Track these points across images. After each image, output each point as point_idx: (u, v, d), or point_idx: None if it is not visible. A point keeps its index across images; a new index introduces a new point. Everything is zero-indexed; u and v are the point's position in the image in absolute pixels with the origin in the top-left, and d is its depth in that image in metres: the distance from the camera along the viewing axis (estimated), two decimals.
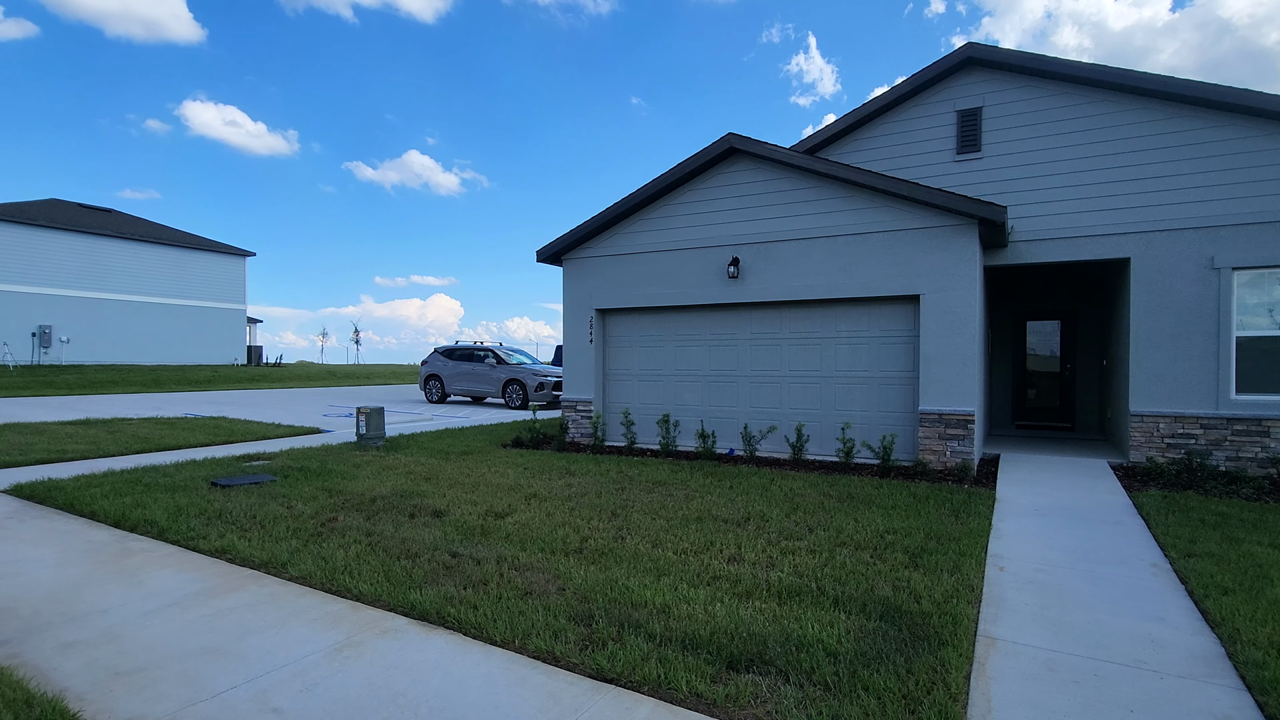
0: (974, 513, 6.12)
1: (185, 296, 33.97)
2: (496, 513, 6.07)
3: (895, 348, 8.83)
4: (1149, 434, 8.61)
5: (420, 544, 5.08)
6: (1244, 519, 5.99)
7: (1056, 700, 2.99)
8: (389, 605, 3.98)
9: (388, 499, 6.55)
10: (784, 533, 5.46)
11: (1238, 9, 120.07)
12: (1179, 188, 8.48)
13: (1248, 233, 8.15)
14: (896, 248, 8.62)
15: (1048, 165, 9.22)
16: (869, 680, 3.05)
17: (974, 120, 9.73)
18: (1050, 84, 9.25)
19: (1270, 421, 8.03)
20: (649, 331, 10.64)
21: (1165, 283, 8.56)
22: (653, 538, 5.30)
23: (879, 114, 10.35)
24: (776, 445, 9.33)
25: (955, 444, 8.23)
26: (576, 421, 11.01)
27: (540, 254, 11.27)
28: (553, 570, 4.52)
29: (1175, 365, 8.49)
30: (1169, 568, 4.76)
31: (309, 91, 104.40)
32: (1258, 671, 3.16)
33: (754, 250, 9.54)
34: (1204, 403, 8.34)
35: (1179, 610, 4.01)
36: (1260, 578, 4.41)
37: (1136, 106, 8.75)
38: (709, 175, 9.94)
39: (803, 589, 4.17)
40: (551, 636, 3.50)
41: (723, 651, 3.32)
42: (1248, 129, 8.19)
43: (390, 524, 5.67)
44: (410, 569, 4.52)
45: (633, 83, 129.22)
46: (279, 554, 4.82)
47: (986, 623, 3.81)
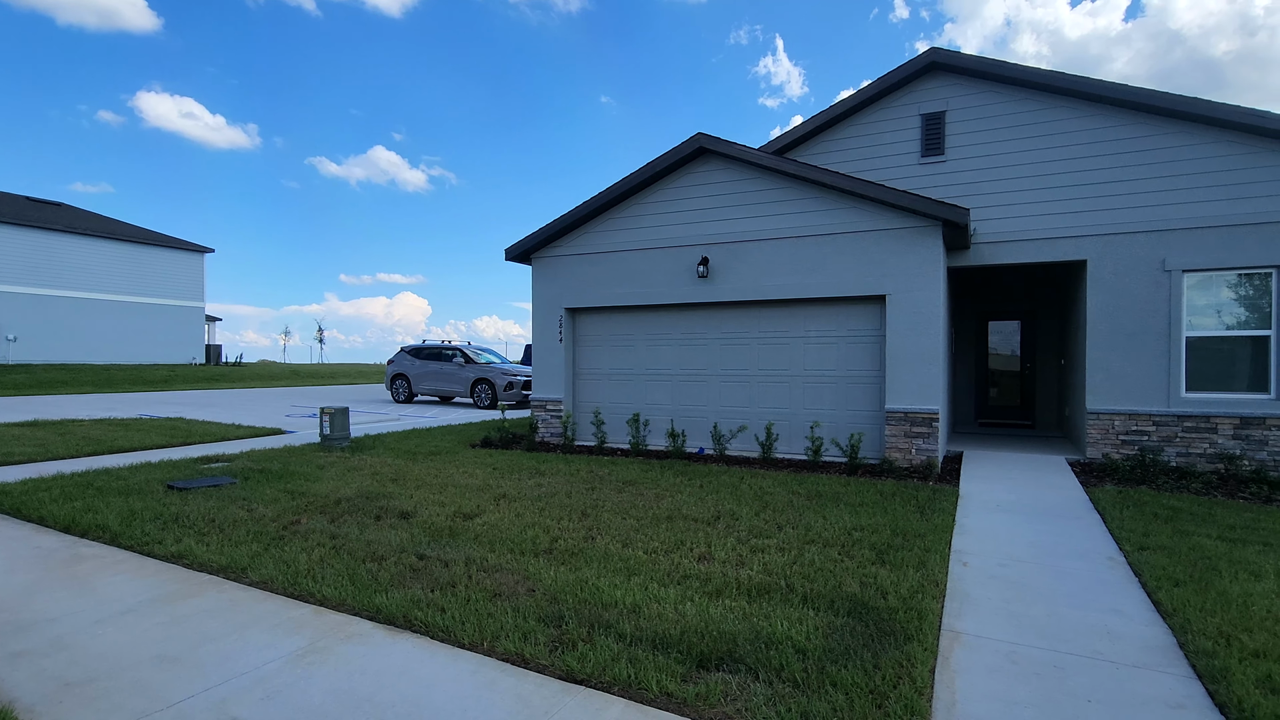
0: (938, 509, 6.23)
1: (140, 294, 32.90)
2: (465, 513, 5.99)
3: (862, 347, 8.95)
4: (1105, 431, 8.87)
5: (386, 546, 4.99)
6: (1194, 513, 6.20)
7: (1018, 692, 3.05)
8: (354, 609, 3.89)
9: (353, 501, 6.42)
10: (754, 531, 5.49)
11: (1187, 20, 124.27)
12: (1133, 192, 8.75)
13: (1197, 236, 8.45)
14: (864, 248, 8.74)
15: (1009, 169, 9.43)
16: (837, 676, 3.08)
17: (938, 124, 9.91)
18: (1011, 89, 9.47)
19: (1218, 419, 8.34)
20: (619, 331, 10.62)
21: (1120, 284, 8.82)
22: (623, 537, 5.28)
23: (846, 116, 10.48)
24: (746, 444, 9.39)
25: (920, 442, 8.38)
26: (546, 421, 10.94)
27: (509, 252, 11.17)
28: (522, 571, 4.47)
29: (1130, 364, 8.76)
30: (1124, 561, 4.91)
31: (270, 84, 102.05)
32: (1208, 661, 3.27)
33: (724, 250, 9.59)
34: (1156, 401, 8.63)
35: (1134, 602, 4.14)
36: (1209, 570, 4.57)
37: (1093, 113, 9.01)
38: (679, 175, 9.96)
39: (772, 587, 4.20)
40: (521, 638, 3.46)
41: (693, 650, 3.32)
42: (1197, 136, 8.49)
43: (355, 526, 5.56)
44: (376, 572, 4.44)
45: (603, 81, 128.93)
46: (239, 558, 4.69)
47: (951, 617, 3.88)
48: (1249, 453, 8.14)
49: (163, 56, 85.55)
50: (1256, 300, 8.34)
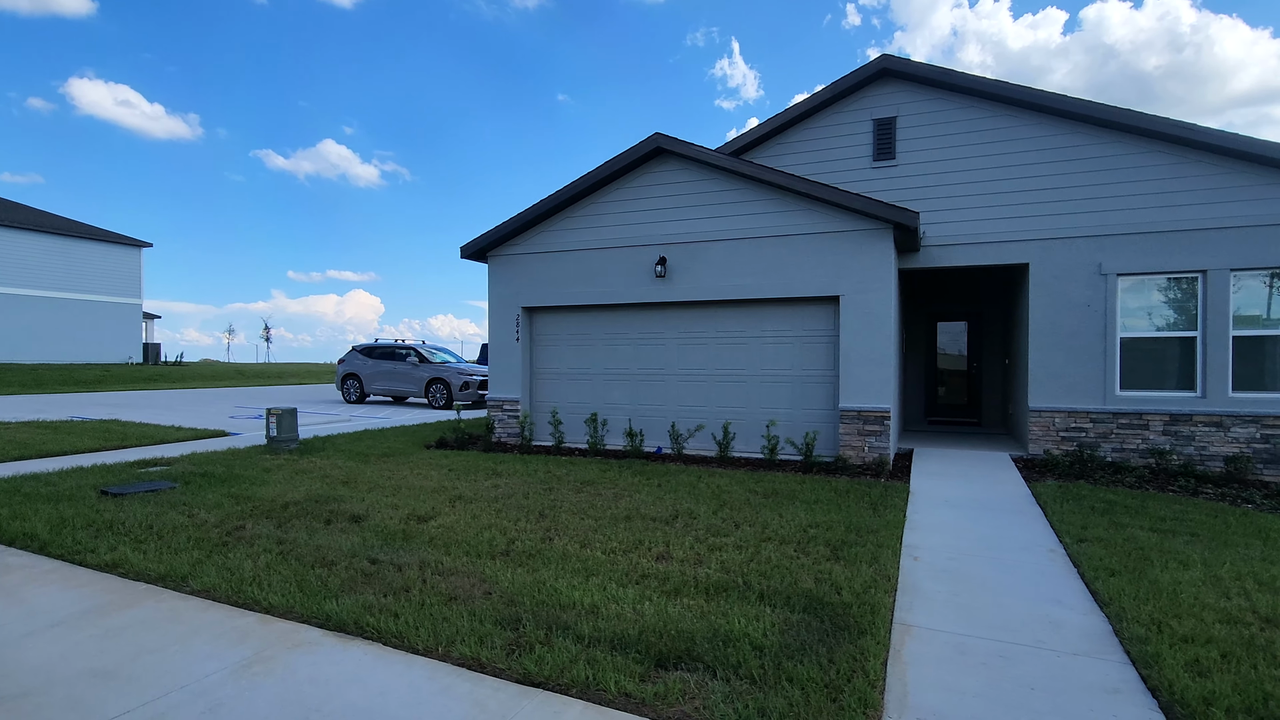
0: (890, 505, 6.39)
1: (72, 289, 31.27)
2: (419, 516, 5.88)
3: (817, 347, 9.11)
4: (1046, 428, 9.23)
5: (337, 551, 4.85)
6: (1127, 505, 6.50)
7: (967, 682, 3.14)
8: (302, 617, 3.77)
9: (301, 504, 6.23)
10: (711, 529, 5.53)
11: (1121, 35, 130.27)
12: (1072, 199, 9.13)
13: (1131, 242, 8.86)
14: (818, 250, 8.90)
15: (957, 174, 9.72)
16: (793, 672, 3.12)
17: (889, 129, 10.16)
18: (959, 97, 9.76)
19: (1150, 416, 8.76)
20: (577, 330, 10.57)
21: (1060, 287, 9.19)
22: (581, 538, 5.26)
23: (801, 119, 10.65)
24: (704, 443, 9.46)
25: (873, 440, 8.57)
26: (503, 421, 10.82)
27: (465, 250, 11.00)
28: (479, 574, 4.41)
29: (1069, 364, 9.13)
30: (1064, 553, 5.11)
31: (213, 73, 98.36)
32: (1141, 647, 3.42)
33: (681, 250, 9.63)
34: (1093, 399, 9.01)
35: (1073, 592, 4.31)
36: (1142, 560, 4.80)
37: (1035, 121, 9.36)
38: (637, 175, 9.97)
39: (730, 584, 4.24)
40: (477, 642, 3.41)
41: (652, 650, 3.32)
42: (1131, 146, 8.90)
43: (304, 531, 5.39)
44: (326, 578, 4.31)
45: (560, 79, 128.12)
46: (179, 566, 4.50)
47: (902, 611, 3.98)
48: (1178, 448, 8.58)
49: (97, 42, 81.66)
50: (1184, 303, 8.79)
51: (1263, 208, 8.26)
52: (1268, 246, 8.16)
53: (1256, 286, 8.46)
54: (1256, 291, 8.48)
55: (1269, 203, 8.22)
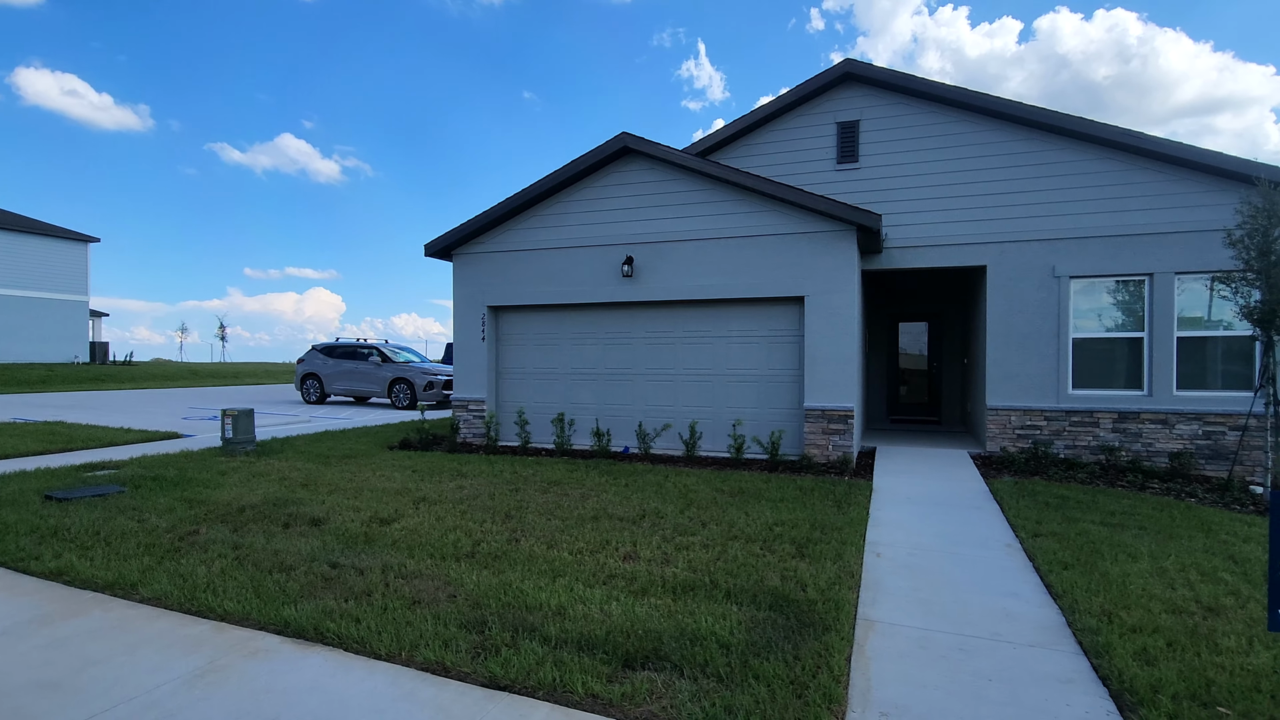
0: (854, 503, 6.49)
1: (14, 285, 29.91)
2: (382, 519, 5.77)
3: (783, 347, 9.20)
4: (1003, 426, 9.48)
5: (296, 555, 4.73)
6: (1079, 501, 6.72)
7: (927, 675, 3.21)
8: (259, 624, 3.67)
9: (258, 508, 6.06)
10: (678, 529, 5.54)
11: (1073, 46, 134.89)
12: (1028, 203, 9.39)
13: (1083, 245, 9.16)
14: (784, 251, 8.99)
15: (918, 177, 9.93)
16: (760, 669, 3.14)
17: (852, 132, 10.32)
18: (920, 102, 9.97)
19: (1100, 414, 9.07)
20: (544, 329, 10.50)
21: (1016, 289, 9.45)
22: (548, 538, 5.22)
23: (766, 121, 10.75)
24: (671, 443, 9.48)
25: (837, 438, 8.70)
26: (468, 421, 10.69)
27: (429, 248, 10.84)
28: (443, 577, 4.34)
29: (1024, 364, 9.40)
30: (1020, 547, 5.25)
31: (165, 63, 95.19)
32: (1092, 637, 3.54)
33: (648, 250, 9.64)
34: (1047, 397, 9.29)
35: (1029, 586, 4.43)
36: (1093, 553, 4.96)
37: (993, 127, 9.61)
38: (604, 174, 9.94)
39: (697, 583, 4.25)
40: (441, 646, 3.36)
41: (619, 650, 3.31)
42: (1083, 153, 9.20)
43: (261, 535, 5.25)
44: (284, 583, 4.20)
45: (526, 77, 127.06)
46: (128, 573, 4.34)
47: (866, 606, 4.04)
48: (1126, 444, 8.89)
49: (45, 30, 78.30)
50: (1132, 305, 9.12)
51: (1205, 214, 8.61)
52: (1209, 251, 8.50)
53: (1199, 290, 8.82)
54: (1199, 294, 8.84)
55: (1211, 209, 8.58)
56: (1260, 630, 3.62)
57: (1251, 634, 3.58)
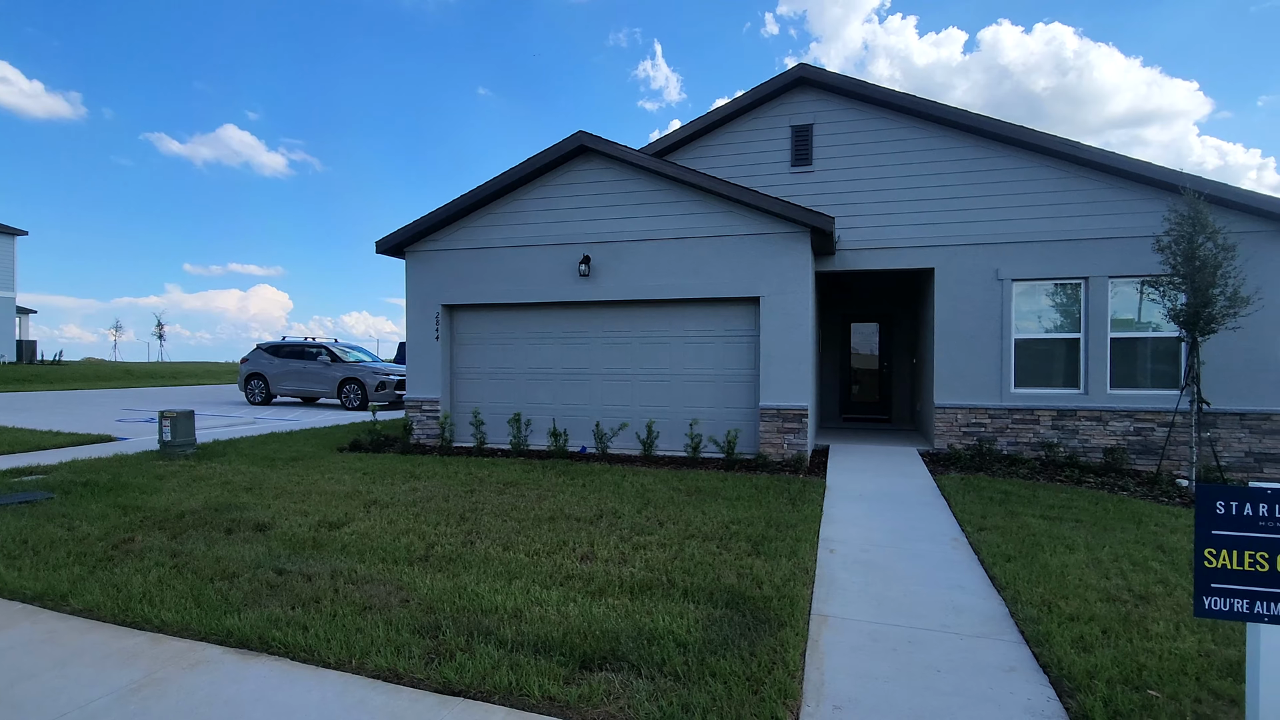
0: (808, 500, 6.60)
1: None
2: (331, 523, 5.61)
3: (739, 346, 9.30)
4: (950, 424, 9.78)
5: (239, 562, 4.56)
6: (1021, 495, 6.97)
7: (879, 667, 3.28)
8: (199, 634, 3.53)
9: (199, 514, 5.83)
10: (636, 528, 5.55)
11: (1014, 57, 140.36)
12: (973, 208, 9.71)
13: (1024, 249, 9.51)
14: (740, 251, 9.09)
15: (869, 181, 10.16)
16: (716, 666, 3.16)
17: (806, 135, 10.50)
18: (871, 108, 10.20)
19: (1040, 411, 9.43)
20: (499, 329, 10.38)
21: (962, 291, 9.76)
22: (504, 540, 5.16)
23: (723, 123, 10.85)
24: (628, 442, 9.48)
25: (792, 437, 8.83)
26: (422, 422, 10.49)
27: (381, 245, 10.60)
28: (395, 581, 4.25)
29: (970, 363, 9.71)
30: (966, 541, 5.42)
31: (99, 49, 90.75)
32: (1033, 627, 3.67)
33: (606, 249, 9.62)
34: (991, 396, 9.62)
35: (975, 578, 4.58)
36: (1034, 545, 5.15)
37: (941, 134, 9.90)
38: (561, 172, 9.88)
39: (654, 583, 4.26)
40: (394, 652, 3.28)
41: (576, 652, 3.29)
42: (1025, 160, 9.56)
43: (202, 542, 5.04)
44: (226, 591, 4.05)
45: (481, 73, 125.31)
46: (57, 584, 4.12)
47: (820, 602, 4.11)
48: (1064, 441, 9.28)
49: None
50: (1069, 307, 9.52)
51: (1136, 220, 9.04)
52: (1140, 256, 8.92)
53: (1130, 293, 9.26)
54: (1130, 297, 9.28)
55: (1141, 216, 9.01)
56: (1186, 616, 3.82)
57: (1179, 620, 3.78)
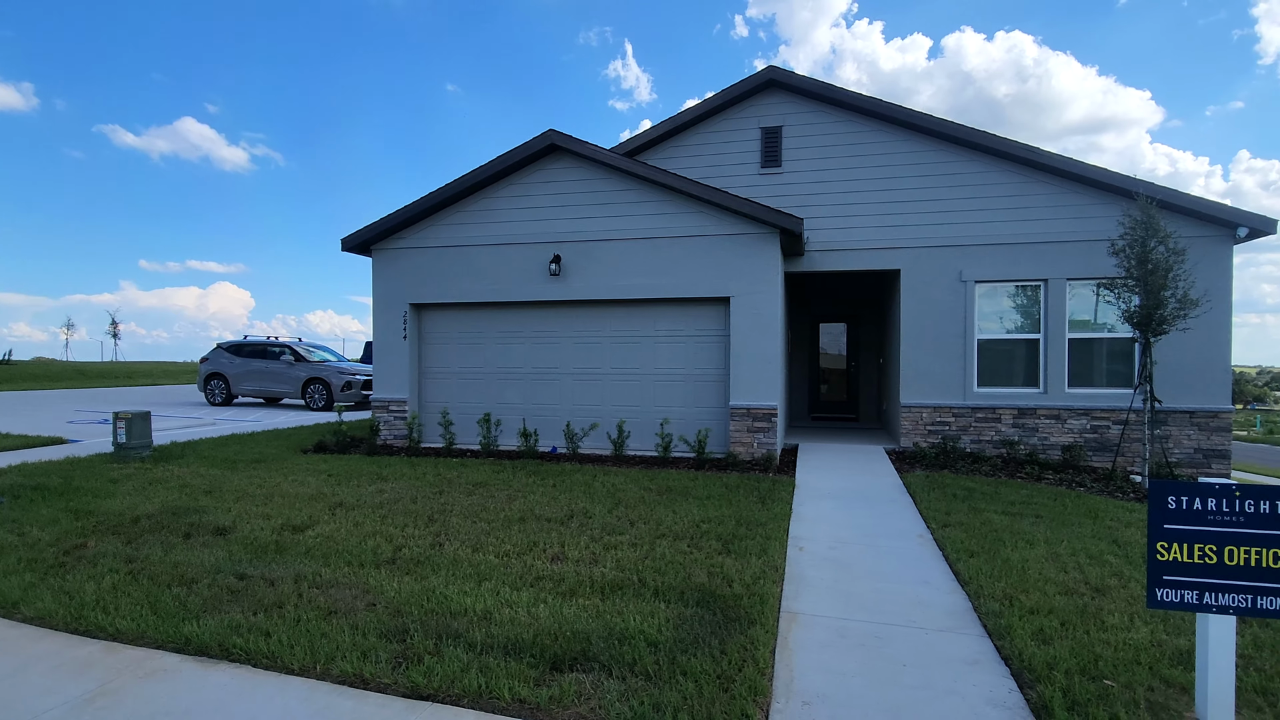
0: (778, 499, 6.66)
1: None
2: (295, 526, 5.49)
3: (709, 346, 9.35)
4: (915, 423, 9.96)
5: (198, 567, 4.44)
6: (984, 492, 7.14)
7: (846, 663, 3.33)
8: (156, 642, 3.43)
9: (156, 518, 5.66)
10: (607, 528, 5.54)
11: (976, 64, 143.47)
12: (938, 211, 9.91)
13: (987, 252, 9.74)
14: (710, 252, 9.14)
15: (837, 183, 10.29)
16: (687, 665, 3.17)
17: (776, 137, 10.60)
18: (840, 111, 10.34)
19: (1001, 410, 9.67)
20: (468, 328, 10.27)
21: (928, 292, 9.95)
22: (473, 542, 5.11)
23: (693, 124, 10.89)
24: (599, 442, 9.46)
25: (761, 436, 8.91)
26: (389, 423, 10.33)
27: (346, 243, 10.41)
28: (361, 585, 4.18)
29: (935, 363, 9.90)
30: (931, 538, 5.53)
31: (52, 38, 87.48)
32: (995, 620, 3.76)
33: (576, 248, 9.59)
34: (955, 395, 9.83)
35: (939, 573, 4.67)
36: (996, 541, 5.27)
37: (907, 138, 10.07)
38: (531, 171, 9.81)
39: (625, 582, 4.25)
40: (360, 657, 3.22)
41: (546, 653, 3.27)
42: (988, 165, 9.78)
43: (159, 547, 4.90)
44: (184, 597, 3.94)
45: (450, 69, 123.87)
46: (8, 591, 3.97)
47: (789, 599, 4.16)
48: (1025, 438, 9.52)
49: None
50: (1029, 308, 9.77)
51: (1093, 224, 9.32)
52: (1096, 259, 9.19)
53: (1087, 295, 9.54)
54: (1087, 299, 9.56)
55: (1098, 220, 9.28)
56: (1140, 608, 3.95)
57: (1133, 611, 3.90)
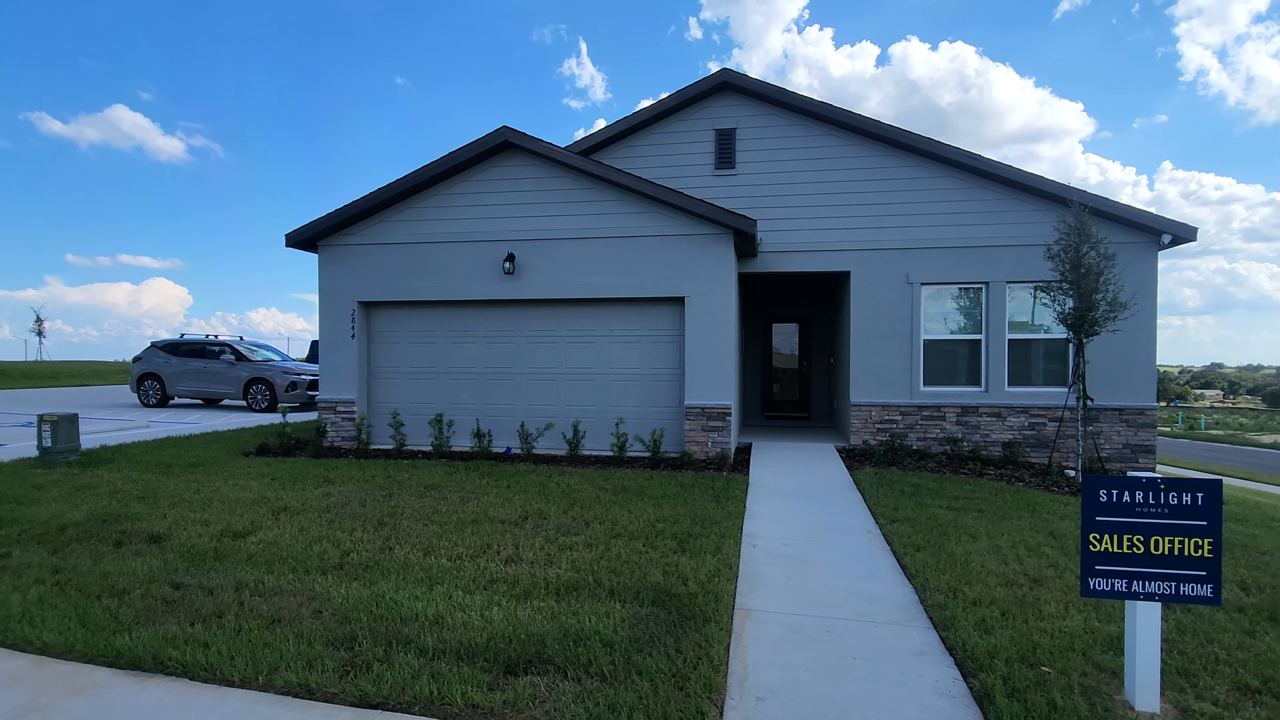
0: (732, 497, 6.73)
1: None
2: (235, 532, 5.29)
3: (664, 346, 9.38)
4: (865, 421, 10.20)
5: (130, 577, 4.23)
6: (930, 488, 7.35)
7: (799, 658, 3.38)
8: (87, 655, 3.25)
9: (84, 526, 5.37)
10: (562, 529, 5.50)
11: (921, 73, 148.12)
12: (887, 214, 10.17)
13: (932, 255, 10.05)
14: (666, 252, 9.17)
15: (790, 186, 10.47)
16: (643, 665, 3.18)
17: (730, 139, 10.71)
18: (792, 114, 10.51)
19: (946, 408, 9.99)
20: (420, 327, 10.07)
21: (876, 294, 10.21)
22: (425, 545, 5.01)
23: (648, 124, 10.92)
24: (554, 442, 9.39)
25: (716, 435, 8.99)
26: (336, 424, 10.04)
27: (291, 238, 10.08)
28: (307, 592, 4.05)
29: (883, 363, 10.17)
30: (879, 533, 5.67)
31: None
32: (941, 612, 3.88)
33: (531, 247, 9.50)
34: (903, 394, 10.11)
35: (887, 568, 4.79)
36: (941, 535, 5.44)
37: (857, 143, 10.31)
38: (484, 168, 9.68)
39: (580, 583, 4.23)
40: (305, 666, 3.12)
41: (500, 657, 3.23)
42: (933, 170, 10.09)
43: (88, 556, 4.65)
44: (116, 609, 3.75)
45: (400, 62, 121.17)
46: None
47: (743, 596, 4.20)
48: (968, 435, 9.86)
49: None
50: (972, 310, 10.12)
51: (1031, 230, 9.71)
52: (1034, 263, 9.58)
53: (1026, 297, 9.94)
54: (1026, 302, 9.96)
55: (1035, 225, 9.67)
56: (1074, 596, 4.13)
57: (1068, 600, 4.08)
